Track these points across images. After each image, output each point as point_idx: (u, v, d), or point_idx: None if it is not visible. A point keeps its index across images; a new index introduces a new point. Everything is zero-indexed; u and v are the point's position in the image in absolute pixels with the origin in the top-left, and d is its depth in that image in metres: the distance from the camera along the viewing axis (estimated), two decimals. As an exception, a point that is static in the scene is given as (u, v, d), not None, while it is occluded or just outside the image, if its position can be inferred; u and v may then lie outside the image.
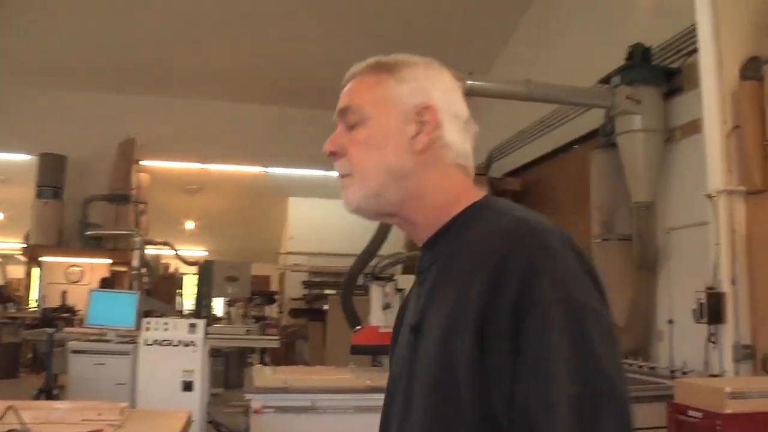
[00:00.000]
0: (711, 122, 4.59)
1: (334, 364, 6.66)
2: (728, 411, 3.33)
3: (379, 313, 5.15)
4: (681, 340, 6.32)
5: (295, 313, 12.93)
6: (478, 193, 1.24)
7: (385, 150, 1.22)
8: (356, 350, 5.15)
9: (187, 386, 5.35)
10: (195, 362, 5.40)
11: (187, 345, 5.41)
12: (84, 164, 11.44)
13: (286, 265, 13.78)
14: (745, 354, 4.30)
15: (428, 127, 1.21)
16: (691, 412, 3.52)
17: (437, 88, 1.24)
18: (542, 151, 9.24)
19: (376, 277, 5.23)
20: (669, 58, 6.54)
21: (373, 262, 5.34)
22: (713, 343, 4.43)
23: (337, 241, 12.89)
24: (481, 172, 10.00)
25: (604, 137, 6.99)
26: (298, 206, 13.97)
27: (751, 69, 4.50)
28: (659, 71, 6.38)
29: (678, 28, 6.41)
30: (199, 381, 5.39)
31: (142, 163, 11.94)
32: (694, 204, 6.17)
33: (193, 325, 5.54)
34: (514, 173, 9.93)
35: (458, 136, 1.24)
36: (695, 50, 6.00)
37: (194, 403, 5.26)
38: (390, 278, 5.24)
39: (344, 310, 5.28)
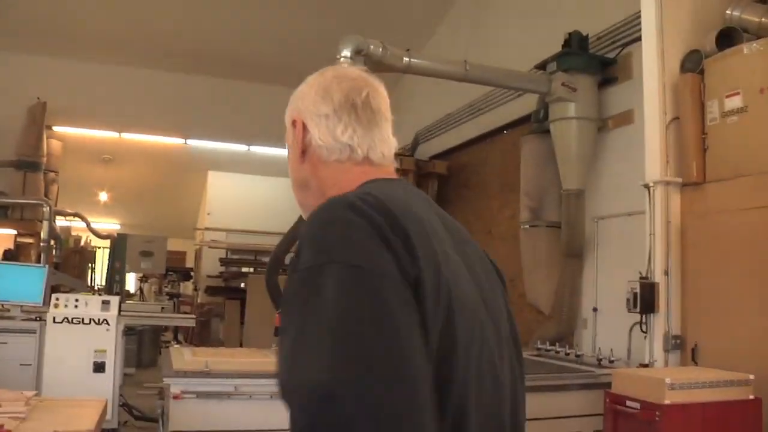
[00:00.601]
0: (651, 112, 4.57)
1: (254, 345, 6.44)
2: (668, 402, 3.31)
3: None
4: (605, 328, 6.36)
5: (211, 291, 12.57)
6: (379, 178, 1.28)
7: (290, 168, 1.39)
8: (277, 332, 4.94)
9: (99, 367, 5.04)
10: (108, 342, 5.09)
11: (99, 323, 5.09)
12: (-11, 128, 10.72)
13: (203, 241, 13.34)
14: (675, 344, 4.32)
15: (298, 135, 1.33)
16: (629, 403, 3.49)
17: (303, 99, 1.35)
18: (470, 135, 9.18)
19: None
20: (604, 48, 6.54)
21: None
22: (644, 332, 4.42)
23: (257, 218, 12.66)
24: (407, 154, 9.88)
25: (536, 123, 6.95)
26: (217, 181, 13.53)
27: (691, 61, 4.49)
28: (595, 60, 6.37)
29: (615, 19, 6.41)
30: (112, 362, 5.09)
31: (54, 129, 11.29)
32: (623, 194, 6.20)
33: (106, 302, 5.21)
34: (441, 156, 9.83)
35: (329, 133, 1.30)
36: (632, 41, 6.03)
37: (106, 385, 4.97)
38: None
39: (268, 291, 5.07)
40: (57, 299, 5.23)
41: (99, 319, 5.08)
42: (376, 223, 1.06)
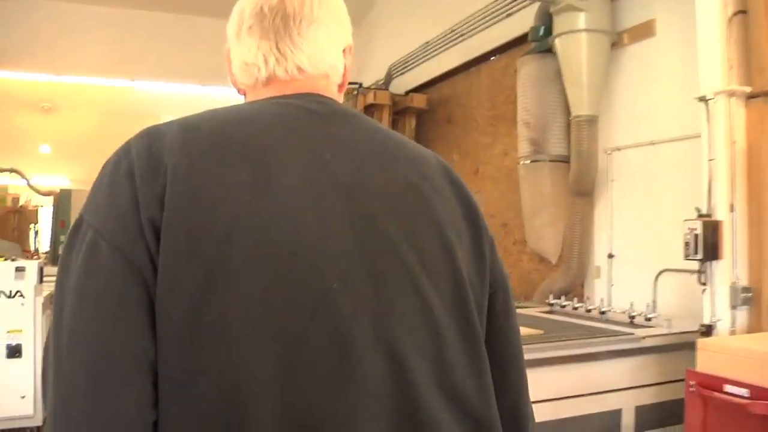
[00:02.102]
0: (707, 6, 3.57)
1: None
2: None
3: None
4: (623, 277, 5.48)
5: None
6: (270, 97, 1.15)
7: None
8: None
9: (13, 352, 3.99)
10: (23, 319, 4.04)
11: (10, 296, 4.03)
12: None
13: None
14: (745, 299, 3.41)
15: (228, 69, 1.26)
16: (730, 388, 2.55)
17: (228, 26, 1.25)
18: (453, 64, 8.12)
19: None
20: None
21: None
22: (703, 285, 3.51)
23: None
24: (381, 88, 8.83)
25: (535, 41, 5.94)
26: (171, 127, 12.40)
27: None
28: (608, -41, 5.34)
29: None
30: (31, 344, 4.05)
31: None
32: (642, 120, 5.29)
33: (20, 269, 4.13)
34: (420, 89, 8.77)
35: (240, 56, 1.20)
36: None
37: (24, 373, 3.95)
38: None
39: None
40: (-42, 267, 4.14)
41: (11, 292, 4.02)
42: (131, 160, 0.96)
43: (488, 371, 1.06)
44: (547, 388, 3.49)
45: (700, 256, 3.40)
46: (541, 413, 3.54)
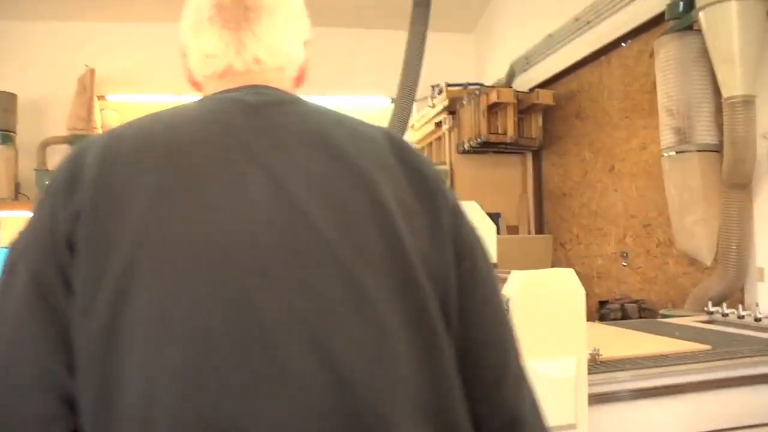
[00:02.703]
0: None
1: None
2: None
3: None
4: (792, 278, 4.80)
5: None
6: (221, 91, 1.17)
7: None
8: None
9: None
10: None
11: None
12: (38, 103, 9.78)
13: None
14: None
15: (184, 65, 1.26)
16: None
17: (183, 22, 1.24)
18: (579, 56, 7.58)
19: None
20: None
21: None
22: None
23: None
24: (504, 86, 8.36)
25: (674, 19, 5.37)
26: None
27: None
28: None
29: None
30: None
31: (108, 98, 10.25)
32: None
33: None
34: (545, 85, 8.25)
35: (197, 49, 1.20)
36: None
37: None
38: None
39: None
40: None
41: None
42: (55, 178, 1.00)
43: (448, 365, 0.97)
44: (721, 417, 2.96)
45: None
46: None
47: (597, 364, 2.84)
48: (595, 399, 2.64)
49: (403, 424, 0.90)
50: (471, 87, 8.07)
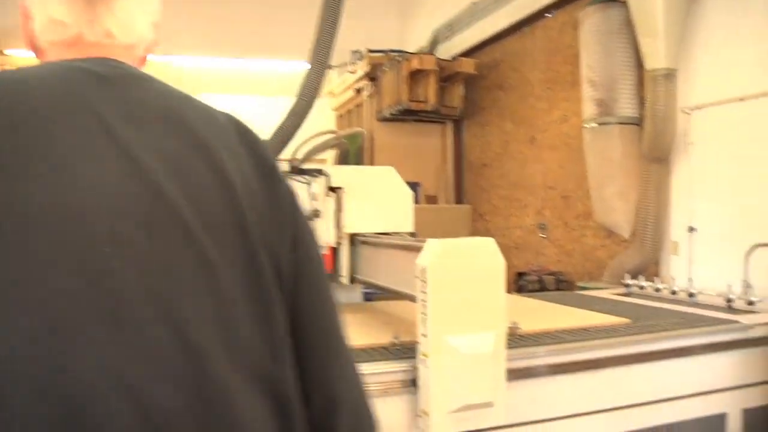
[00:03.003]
0: None
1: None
2: None
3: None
4: (705, 253, 4.82)
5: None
6: (73, 58, 1.11)
7: None
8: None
9: None
10: None
11: None
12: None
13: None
14: None
15: (25, 26, 1.21)
16: None
17: None
18: (503, 25, 7.45)
19: (298, 171, 3.48)
20: None
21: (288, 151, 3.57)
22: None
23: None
24: (427, 53, 8.19)
25: (600, -10, 5.28)
26: (210, 103, 11.98)
27: None
28: None
29: None
30: None
31: (6, 53, 9.61)
32: (727, 74, 4.60)
33: None
34: (468, 54, 8.12)
35: (45, 13, 1.15)
36: None
37: None
38: (318, 172, 3.51)
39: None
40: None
41: None
42: None
43: (284, 338, 1.03)
44: (640, 391, 2.90)
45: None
46: (632, 421, 2.96)
47: (515, 339, 2.73)
48: (513, 375, 2.52)
49: (241, 389, 0.95)
50: (392, 53, 7.86)
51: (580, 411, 2.79)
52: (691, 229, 4.89)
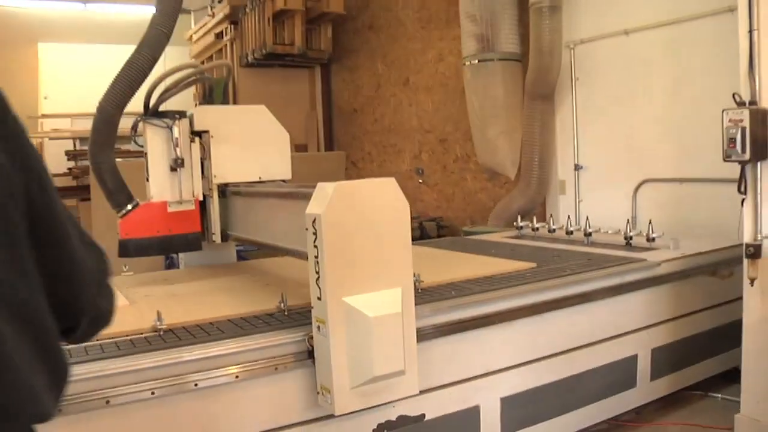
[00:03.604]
0: None
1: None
2: None
3: (163, 178, 2.98)
4: (593, 191, 4.68)
5: (60, 192, 10.15)
6: None
7: None
8: (127, 249, 2.95)
9: None
10: None
11: None
12: None
13: (42, 132, 10.80)
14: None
15: None
16: None
17: None
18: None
19: (154, 114, 2.97)
20: None
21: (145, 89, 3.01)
22: (743, 194, 2.67)
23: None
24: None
25: None
26: (50, 55, 10.83)
27: None
28: None
29: None
30: None
31: None
32: (612, 7, 4.42)
33: None
34: (335, -7, 7.63)
35: None
36: None
37: None
38: (179, 114, 3.01)
39: (99, 179, 2.99)
40: None
41: None
42: None
43: (29, 264, 0.97)
44: (554, 341, 2.64)
45: (747, 155, 2.55)
46: (551, 372, 2.70)
47: (418, 293, 2.37)
48: (421, 336, 2.19)
49: None
50: (255, -8, 7.27)
51: (495, 368, 2.50)
52: (578, 168, 4.73)
